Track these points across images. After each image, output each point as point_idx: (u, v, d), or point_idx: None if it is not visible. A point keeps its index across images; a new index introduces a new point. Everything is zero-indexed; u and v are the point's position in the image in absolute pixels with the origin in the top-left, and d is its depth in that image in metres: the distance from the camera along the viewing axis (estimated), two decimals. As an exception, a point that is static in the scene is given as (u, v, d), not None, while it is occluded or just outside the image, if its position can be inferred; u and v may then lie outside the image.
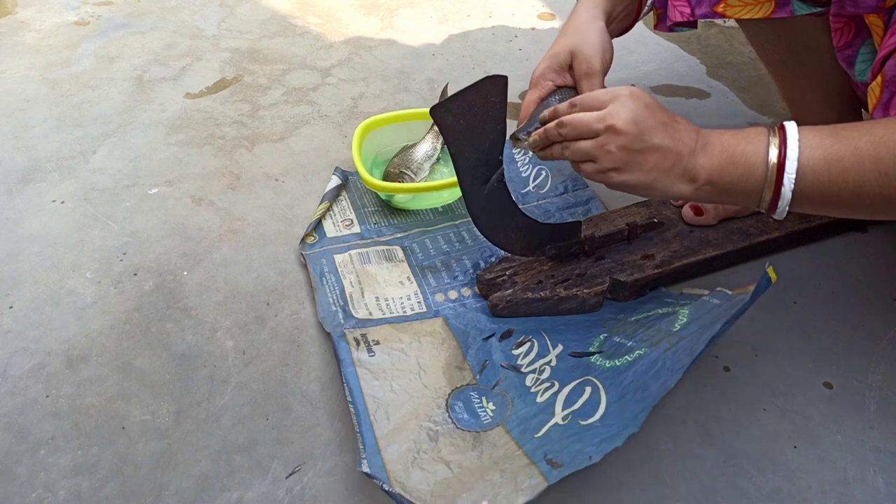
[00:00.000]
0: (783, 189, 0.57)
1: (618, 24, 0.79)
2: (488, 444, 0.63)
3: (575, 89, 0.74)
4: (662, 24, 0.83)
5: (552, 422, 0.63)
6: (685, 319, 0.68)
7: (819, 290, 0.83)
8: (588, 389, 0.66)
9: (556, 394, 0.66)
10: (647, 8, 0.81)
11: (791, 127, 0.57)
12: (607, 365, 0.68)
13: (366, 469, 0.60)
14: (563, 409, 0.64)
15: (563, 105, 0.65)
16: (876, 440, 0.67)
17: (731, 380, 0.73)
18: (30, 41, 1.36)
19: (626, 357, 0.67)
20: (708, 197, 0.62)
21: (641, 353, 0.66)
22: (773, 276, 0.59)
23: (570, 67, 0.73)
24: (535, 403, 0.66)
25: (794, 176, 0.56)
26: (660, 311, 0.74)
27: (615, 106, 0.60)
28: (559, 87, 0.74)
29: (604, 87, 0.71)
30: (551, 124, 0.65)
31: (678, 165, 0.60)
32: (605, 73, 0.72)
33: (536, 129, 0.67)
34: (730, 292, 0.69)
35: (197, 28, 1.43)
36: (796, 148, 0.55)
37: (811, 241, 0.88)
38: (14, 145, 1.08)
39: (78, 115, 1.16)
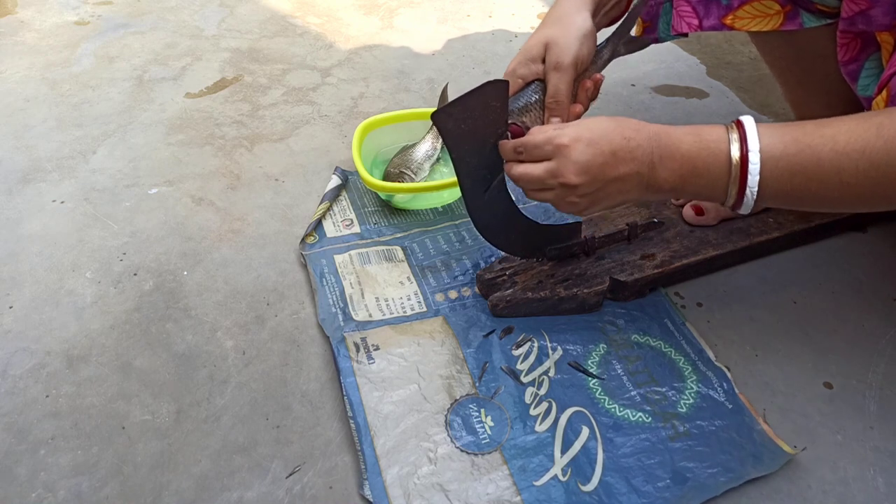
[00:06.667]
0: (745, 198, 0.57)
1: (606, 14, 0.76)
2: (486, 469, 0.64)
3: (544, 85, 0.70)
4: (650, 34, 0.82)
5: (552, 472, 0.64)
6: (690, 400, 0.70)
7: (819, 290, 0.83)
8: (585, 431, 0.67)
9: (554, 424, 0.67)
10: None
11: (752, 136, 0.56)
12: (607, 405, 0.69)
13: (367, 494, 0.62)
14: (561, 455, 0.65)
15: (509, 148, 0.65)
16: (876, 440, 0.67)
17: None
18: (30, 41, 1.36)
19: (628, 412, 0.68)
20: (674, 197, 0.65)
21: (644, 419, 0.68)
22: (787, 448, 0.65)
23: (544, 59, 0.70)
24: (533, 432, 0.67)
25: (756, 189, 0.56)
26: (664, 349, 0.75)
27: (560, 161, 0.60)
28: (528, 83, 0.70)
29: (573, 81, 0.68)
30: (507, 166, 0.65)
31: (641, 183, 0.60)
32: (580, 65, 0.69)
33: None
34: (728, 375, 0.72)
35: (197, 28, 1.43)
36: (758, 161, 0.55)
37: (811, 241, 0.88)
38: (14, 145, 1.08)
39: (78, 115, 1.16)
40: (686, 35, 0.78)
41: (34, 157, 1.06)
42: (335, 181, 0.97)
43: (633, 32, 0.81)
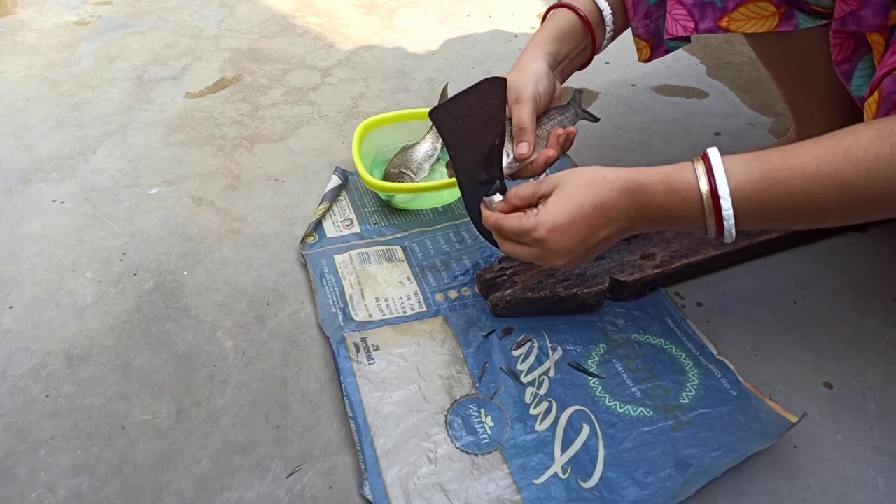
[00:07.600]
0: (725, 234, 0.59)
1: (570, 62, 0.80)
2: (486, 468, 0.64)
3: (510, 120, 0.74)
4: (657, 48, 0.83)
5: (552, 470, 0.64)
6: (693, 391, 0.70)
7: (819, 290, 0.83)
8: (585, 429, 0.67)
9: (554, 423, 0.67)
10: (605, 43, 0.81)
11: (721, 179, 0.56)
12: (608, 403, 0.69)
13: (368, 494, 0.62)
14: (561, 453, 0.65)
15: (491, 224, 0.67)
16: (876, 440, 0.68)
17: (731, 380, 0.73)
18: (30, 41, 1.37)
19: (629, 408, 0.68)
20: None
21: (646, 413, 0.68)
22: (792, 419, 0.66)
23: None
24: (533, 431, 0.67)
25: (733, 230, 0.58)
26: (664, 346, 0.75)
27: (541, 252, 0.63)
28: None
29: (534, 112, 0.73)
30: (495, 236, 0.68)
31: (624, 233, 0.63)
32: (539, 99, 0.73)
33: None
34: (731, 367, 0.72)
35: (197, 28, 1.43)
36: (730, 207, 0.57)
37: (811, 241, 0.88)
38: (14, 145, 1.08)
39: (78, 115, 1.16)
40: (688, 40, 0.79)
41: (34, 157, 1.06)
42: (335, 181, 0.97)
43: (640, 58, 0.84)
